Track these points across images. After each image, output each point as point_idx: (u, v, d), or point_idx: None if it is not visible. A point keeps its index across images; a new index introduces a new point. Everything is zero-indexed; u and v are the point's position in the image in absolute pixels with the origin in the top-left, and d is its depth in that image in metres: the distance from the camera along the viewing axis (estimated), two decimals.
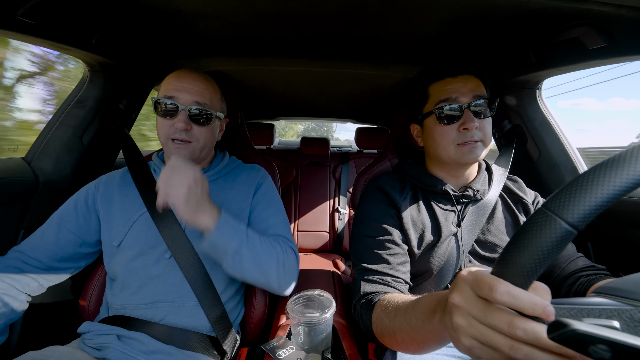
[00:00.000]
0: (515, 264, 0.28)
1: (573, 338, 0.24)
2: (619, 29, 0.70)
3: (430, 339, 0.45)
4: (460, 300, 0.33)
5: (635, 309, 0.26)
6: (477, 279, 0.31)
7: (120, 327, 0.70)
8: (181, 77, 0.78)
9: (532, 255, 0.27)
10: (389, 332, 0.55)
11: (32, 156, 0.92)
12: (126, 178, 0.84)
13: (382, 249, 0.71)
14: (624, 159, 0.25)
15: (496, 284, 0.29)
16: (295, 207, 2.03)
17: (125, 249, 0.76)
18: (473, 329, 0.31)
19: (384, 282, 0.68)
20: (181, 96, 0.76)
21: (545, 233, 0.27)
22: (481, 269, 0.33)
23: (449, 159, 0.73)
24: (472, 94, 0.69)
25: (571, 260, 0.69)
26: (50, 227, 0.78)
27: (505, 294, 0.28)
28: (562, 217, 0.26)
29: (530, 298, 0.27)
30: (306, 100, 1.87)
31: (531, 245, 0.27)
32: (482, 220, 0.74)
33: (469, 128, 0.68)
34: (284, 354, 0.63)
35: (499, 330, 0.29)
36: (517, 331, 0.27)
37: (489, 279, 0.30)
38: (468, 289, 0.32)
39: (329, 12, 0.80)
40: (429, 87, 0.74)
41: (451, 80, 0.71)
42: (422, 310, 0.46)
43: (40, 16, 0.70)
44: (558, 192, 0.28)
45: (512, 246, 0.29)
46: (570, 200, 0.26)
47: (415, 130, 0.82)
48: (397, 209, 0.75)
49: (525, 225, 0.29)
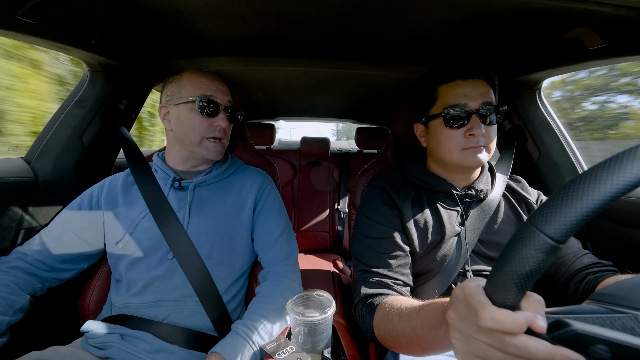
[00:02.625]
0: (505, 281, 0.29)
1: (573, 338, 0.24)
2: (619, 29, 0.70)
3: (435, 346, 0.46)
4: (455, 317, 0.34)
5: (627, 316, 0.26)
6: (466, 302, 0.32)
7: (124, 326, 0.70)
8: (213, 79, 0.83)
9: (519, 270, 0.28)
10: (393, 336, 0.55)
11: (32, 156, 0.92)
12: (129, 179, 0.84)
13: (383, 250, 0.71)
14: (601, 172, 0.26)
15: (480, 310, 0.30)
16: (295, 207, 2.03)
17: (128, 250, 0.76)
18: (470, 345, 0.33)
19: (386, 285, 0.67)
20: (219, 96, 0.80)
21: (529, 248, 0.27)
22: (472, 286, 0.33)
23: (452, 162, 0.72)
24: (481, 100, 0.69)
25: (577, 258, 0.68)
26: (53, 229, 0.78)
27: (489, 321, 0.29)
28: (544, 231, 0.27)
29: (513, 320, 0.28)
30: (306, 100, 1.86)
31: (517, 260, 0.28)
32: (485, 220, 0.74)
33: (475, 134, 0.68)
34: (284, 354, 0.63)
35: (493, 346, 0.30)
36: (509, 348, 0.29)
37: (475, 303, 0.31)
38: (461, 307, 0.34)
39: (329, 12, 0.80)
40: (438, 88, 0.73)
41: (462, 83, 0.70)
42: (427, 319, 0.46)
43: (40, 16, 0.69)
44: (541, 207, 0.28)
45: (500, 261, 0.30)
46: (551, 215, 0.27)
47: (419, 130, 0.82)
48: (399, 209, 0.75)
49: (511, 240, 0.29)
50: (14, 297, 0.68)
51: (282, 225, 0.86)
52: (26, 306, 0.71)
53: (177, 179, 0.82)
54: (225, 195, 0.84)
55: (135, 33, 0.92)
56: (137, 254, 0.76)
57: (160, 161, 0.87)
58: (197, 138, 0.79)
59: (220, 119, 0.80)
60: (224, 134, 0.82)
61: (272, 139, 2.16)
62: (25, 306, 0.71)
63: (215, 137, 0.80)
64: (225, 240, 0.80)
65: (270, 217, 0.86)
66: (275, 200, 0.89)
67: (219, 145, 0.82)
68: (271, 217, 0.86)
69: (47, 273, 0.75)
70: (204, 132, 0.79)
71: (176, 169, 0.86)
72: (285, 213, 0.91)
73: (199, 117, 0.78)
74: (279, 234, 0.85)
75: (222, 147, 0.83)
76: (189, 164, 0.85)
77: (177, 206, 0.79)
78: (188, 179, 0.84)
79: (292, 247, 0.86)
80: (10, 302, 0.67)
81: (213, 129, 0.79)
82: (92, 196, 0.82)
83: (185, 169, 0.86)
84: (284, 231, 0.86)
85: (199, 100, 0.77)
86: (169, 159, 0.87)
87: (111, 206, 0.80)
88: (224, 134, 0.82)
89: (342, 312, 0.90)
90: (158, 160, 0.88)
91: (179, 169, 0.86)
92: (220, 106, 0.79)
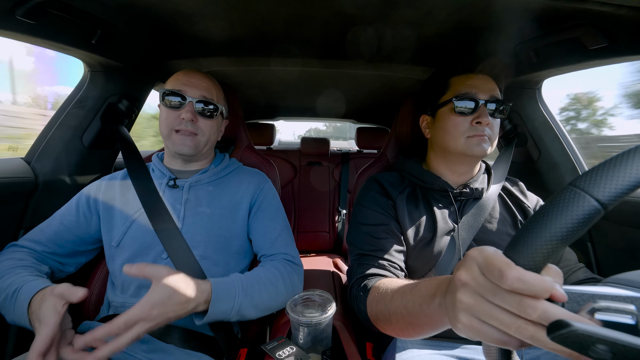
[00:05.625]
0: (534, 243, 0.27)
1: (573, 338, 0.24)
2: (619, 29, 0.70)
3: (426, 323, 0.44)
4: (468, 278, 0.31)
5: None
6: (486, 262, 0.30)
7: None
8: (189, 74, 0.82)
9: (554, 232, 0.26)
10: (384, 315, 0.55)
11: (32, 156, 0.92)
12: (127, 179, 0.84)
13: (379, 235, 0.72)
14: None
15: (506, 270, 0.27)
16: (295, 207, 2.03)
17: (123, 250, 0.76)
18: (478, 307, 0.30)
19: (381, 266, 0.68)
20: (189, 90, 0.79)
21: (572, 210, 0.26)
22: (491, 249, 0.31)
23: (456, 150, 0.74)
24: (490, 94, 0.72)
25: (572, 272, 0.69)
26: (50, 225, 0.78)
27: (515, 281, 0.27)
28: (591, 194, 0.26)
29: (541, 283, 0.26)
30: (306, 100, 1.86)
31: (555, 222, 0.26)
32: (480, 219, 0.74)
33: (482, 122, 0.70)
34: (284, 354, 0.63)
35: (507, 309, 0.28)
36: (528, 309, 0.27)
37: (499, 263, 0.28)
38: (476, 268, 0.31)
39: (329, 12, 0.80)
40: (451, 79, 0.77)
41: (473, 76, 0.74)
42: (420, 294, 0.45)
43: (40, 16, 0.69)
44: (587, 172, 0.27)
45: (532, 223, 0.28)
46: (601, 178, 0.26)
47: (425, 121, 0.84)
48: (394, 201, 0.76)
49: (548, 202, 0.28)
50: (36, 265, 0.70)
51: (279, 225, 0.86)
52: (49, 273, 0.73)
53: (172, 178, 0.82)
54: (220, 195, 0.84)
55: (135, 33, 0.92)
56: (131, 253, 0.76)
57: (158, 161, 0.88)
58: (166, 131, 0.80)
59: (185, 112, 0.78)
60: (195, 127, 0.79)
61: (272, 139, 2.16)
62: (49, 273, 0.72)
63: (181, 129, 0.79)
64: (220, 240, 0.80)
65: (268, 217, 0.86)
66: (272, 201, 0.89)
67: (187, 139, 0.79)
68: (268, 218, 0.86)
69: (48, 261, 0.76)
70: (171, 124, 0.79)
71: (172, 168, 0.86)
72: (284, 214, 0.91)
73: (165, 110, 0.80)
74: (277, 234, 0.85)
75: (193, 141, 0.80)
76: (178, 161, 0.86)
77: (172, 205, 0.79)
78: (184, 178, 0.84)
79: (290, 248, 0.86)
80: (37, 268, 0.69)
81: (179, 122, 0.78)
82: (90, 194, 0.82)
83: (181, 168, 0.86)
84: (282, 231, 0.86)
85: (162, 93, 0.79)
86: (164, 158, 0.89)
87: (108, 204, 0.80)
88: (195, 127, 0.79)
89: (342, 312, 0.90)
90: (156, 159, 0.88)
91: (175, 168, 0.86)
92: (187, 98, 0.78)
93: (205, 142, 0.83)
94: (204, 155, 0.88)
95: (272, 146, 2.26)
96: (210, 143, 0.86)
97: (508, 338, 0.29)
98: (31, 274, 0.66)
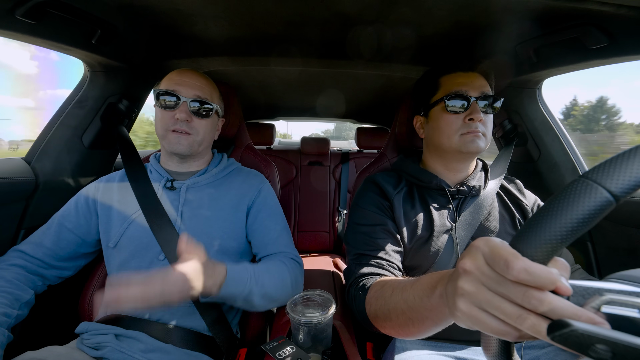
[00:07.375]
0: (543, 235, 0.27)
1: (573, 338, 0.24)
2: (619, 28, 0.70)
3: (427, 317, 0.43)
4: (472, 266, 0.31)
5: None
6: (492, 252, 0.30)
7: (118, 327, 0.70)
8: (182, 73, 0.81)
9: (564, 224, 0.26)
10: (384, 312, 0.54)
11: (32, 156, 0.92)
12: (125, 180, 0.84)
13: (376, 236, 0.72)
14: None
15: (512, 260, 0.27)
16: (295, 207, 2.03)
17: (120, 250, 0.76)
18: (480, 295, 0.30)
19: (379, 266, 0.68)
20: (183, 90, 0.79)
21: (584, 201, 0.26)
22: (497, 239, 0.31)
23: (450, 148, 0.74)
24: (480, 90, 0.73)
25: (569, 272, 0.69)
26: (51, 227, 0.78)
27: (522, 272, 0.27)
28: (603, 185, 0.26)
29: (547, 274, 0.26)
30: (306, 100, 1.86)
31: (566, 213, 0.26)
32: (479, 217, 0.74)
33: (474, 119, 0.71)
34: (284, 354, 0.63)
35: (510, 299, 0.28)
36: (533, 301, 0.26)
37: (505, 254, 0.28)
38: (481, 257, 0.31)
39: (329, 12, 0.80)
40: (441, 79, 0.77)
41: (462, 74, 0.75)
42: (421, 287, 0.45)
43: (40, 16, 0.69)
44: (599, 165, 0.27)
45: (541, 214, 0.28)
46: (614, 170, 0.26)
47: (419, 122, 0.84)
48: (390, 201, 0.76)
49: (559, 193, 0.27)
50: (19, 292, 0.68)
51: (279, 226, 0.86)
52: (32, 301, 0.71)
53: (170, 180, 0.82)
54: (218, 197, 0.84)
55: (135, 33, 0.92)
56: (128, 254, 0.76)
57: (156, 162, 0.87)
58: (162, 131, 0.80)
59: (179, 111, 0.77)
60: (190, 127, 0.79)
61: (272, 139, 2.16)
62: (31, 300, 0.71)
63: (176, 129, 0.79)
64: (217, 242, 0.80)
65: (267, 218, 0.86)
66: (271, 202, 0.89)
67: (182, 137, 0.79)
68: (268, 219, 0.86)
69: (46, 271, 0.76)
70: (167, 125, 0.79)
71: (169, 169, 0.86)
72: (283, 214, 0.90)
73: (160, 110, 0.79)
74: (277, 234, 0.85)
75: (187, 140, 0.80)
76: (175, 161, 0.85)
77: (169, 207, 0.79)
78: (181, 179, 0.84)
79: (291, 247, 0.86)
80: (16, 297, 0.67)
81: (174, 122, 0.78)
82: (89, 194, 0.82)
83: (178, 170, 0.86)
84: (282, 232, 0.86)
85: (157, 93, 0.79)
86: (161, 159, 0.88)
87: (106, 205, 0.80)
88: (190, 127, 0.79)
89: (342, 312, 0.90)
90: (154, 160, 0.88)
91: (172, 169, 0.86)
92: (181, 98, 0.78)
93: (200, 141, 0.82)
94: (200, 155, 0.88)
95: (272, 146, 2.26)
96: (206, 142, 0.85)
97: (507, 328, 0.29)
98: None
